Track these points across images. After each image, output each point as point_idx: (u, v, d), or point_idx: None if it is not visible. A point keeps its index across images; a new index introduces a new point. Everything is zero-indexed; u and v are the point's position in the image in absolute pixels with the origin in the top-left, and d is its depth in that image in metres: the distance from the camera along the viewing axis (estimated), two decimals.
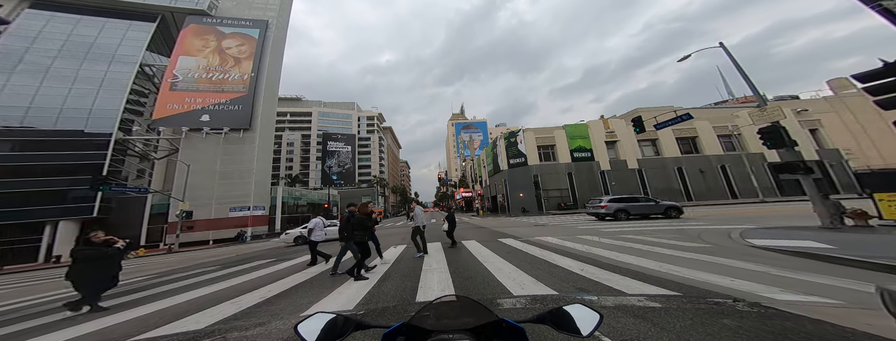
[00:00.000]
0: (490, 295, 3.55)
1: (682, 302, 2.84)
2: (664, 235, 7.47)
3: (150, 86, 32.49)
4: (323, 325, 0.69)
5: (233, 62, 31.09)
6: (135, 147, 29.38)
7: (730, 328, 2.21)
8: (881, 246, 4.71)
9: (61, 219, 22.45)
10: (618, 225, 10.98)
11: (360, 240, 4.92)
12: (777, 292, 3.02)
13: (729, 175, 27.08)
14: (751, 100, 49.60)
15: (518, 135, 29.15)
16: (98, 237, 4.43)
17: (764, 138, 7.82)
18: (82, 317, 4.02)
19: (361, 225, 5.01)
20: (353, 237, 4.96)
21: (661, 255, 5.16)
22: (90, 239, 4.39)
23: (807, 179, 7.37)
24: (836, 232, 6.25)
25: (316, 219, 7.13)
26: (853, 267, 3.91)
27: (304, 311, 3.52)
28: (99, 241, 4.41)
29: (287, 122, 72.70)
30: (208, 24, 32.08)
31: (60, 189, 22.74)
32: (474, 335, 0.62)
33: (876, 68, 4.23)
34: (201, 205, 25.14)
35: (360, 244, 4.91)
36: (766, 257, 4.67)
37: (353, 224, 5.02)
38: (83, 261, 4.21)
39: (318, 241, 6.92)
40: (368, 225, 5.12)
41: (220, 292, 4.94)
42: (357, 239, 4.92)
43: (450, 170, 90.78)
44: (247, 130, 29.13)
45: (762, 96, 8.55)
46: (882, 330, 2.03)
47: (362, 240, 4.94)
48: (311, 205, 40.29)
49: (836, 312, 2.48)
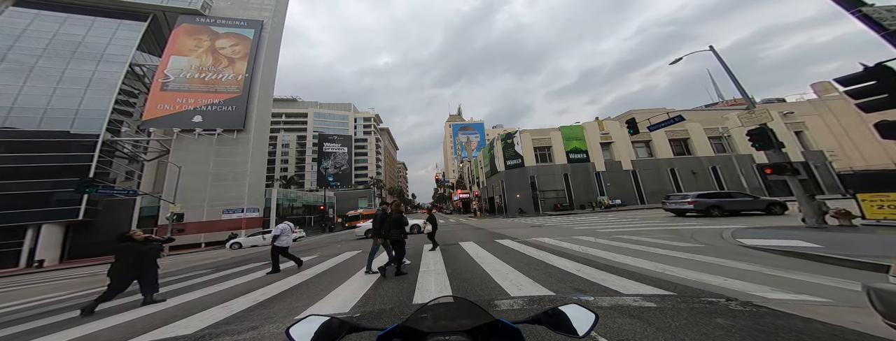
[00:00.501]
0: (487, 297, 3.54)
1: (677, 302, 2.87)
2: (659, 236, 7.57)
3: (141, 87, 31.83)
4: (316, 328, 0.68)
5: (226, 62, 30.69)
6: (123, 148, 28.68)
7: (723, 327, 2.23)
8: (865, 244, 4.85)
9: (44, 222, 21.74)
10: (614, 226, 11.08)
11: (396, 238, 4.91)
12: (768, 291, 3.08)
13: (719, 176, 27.65)
14: (740, 102, 50.90)
15: (515, 137, 29.35)
16: (138, 235, 4.73)
17: (753, 140, 8.01)
18: (70, 322, 3.87)
19: (398, 223, 5.00)
20: (390, 235, 4.95)
21: (656, 255, 5.22)
22: (131, 236, 4.65)
23: (793, 180, 7.57)
24: (822, 231, 6.42)
25: (282, 225, 6.91)
26: (839, 265, 4.01)
27: (298, 315, 3.46)
28: (140, 239, 4.71)
29: (282, 123, 71.96)
30: (202, 24, 31.64)
31: (44, 191, 22.05)
32: (470, 336, 0.61)
33: (857, 72, 4.37)
34: (193, 208, 24.63)
35: (397, 242, 4.93)
36: (756, 256, 4.77)
37: (390, 222, 5.00)
38: (123, 257, 4.54)
39: (283, 247, 6.67)
40: (405, 222, 5.08)
41: (211, 296, 4.82)
42: (393, 237, 4.92)
43: (447, 172, 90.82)
44: (241, 131, 28.72)
45: (751, 99, 8.77)
46: (870, 327, 2.08)
47: (399, 238, 4.94)
48: (307, 207, 39.79)
49: (826, 310, 2.53)
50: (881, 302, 1.59)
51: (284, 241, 6.73)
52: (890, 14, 4.14)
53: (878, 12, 4.19)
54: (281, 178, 58.43)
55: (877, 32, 4.20)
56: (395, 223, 4.96)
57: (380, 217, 5.25)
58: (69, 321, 4.02)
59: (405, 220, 5.16)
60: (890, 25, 4.07)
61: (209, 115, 28.07)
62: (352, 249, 9.66)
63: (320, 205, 39.07)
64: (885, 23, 4.11)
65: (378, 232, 5.18)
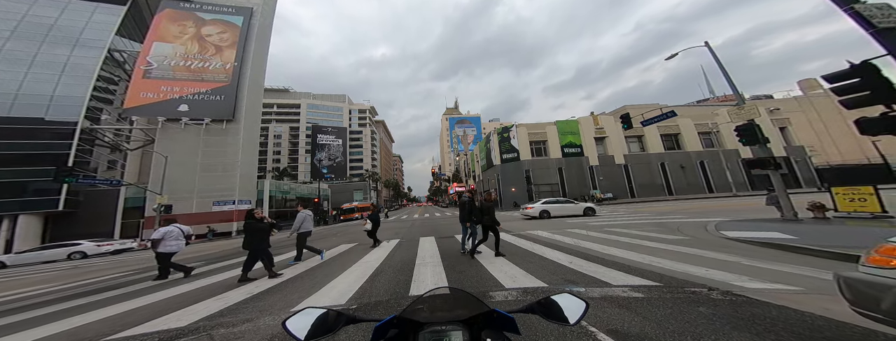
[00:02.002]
0: (483, 289, 3.62)
1: (663, 292, 3.00)
2: (647, 229, 7.81)
3: (121, 74, 30.26)
4: (313, 321, 0.67)
5: (214, 50, 29.32)
6: (104, 137, 27.52)
7: (705, 315, 2.35)
8: (836, 236, 5.12)
9: (21, 212, 20.95)
10: (605, 219, 11.36)
11: (489, 224, 5.39)
12: (747, 281, 3.25)
13: (707, 170, 28.47)
14: (730, 98, 51.88)
15: (511, 131, 29.38)
16: (260, 214, 5.51)
17: (740, 135, 8.23)
18: (55, 315, 3.80)
19: (491, 210, 5.46)
20: (484, 221, 5.43)
21: (644, 248, 5.41)
22: (254, 215, 5.39)
23: (775, 174, 7.86)
24: (798, 223, 6.74)
25: (169, 228, 5.90)
26: (812, 255, 4.24)
27: (294, 307, 3.48)
28: (260, 217, 5.45)
29: (274, 114, 70.03)
30: (186, 10, 29.94)
31: (19, 180, 21.12)
32: (466, 326, 0.62)
33: (843, 69, 4.49)
34: (181, 199, 24.04)
35: (491, 227, 5.40)
36: (737, 248, 4.99)
37: (481, 209, 5.50)
38: (249, 232, 5.26)
39: (166, 253, 5.75)
40: (492, 208, 5.51)
41: (204, 288, 4.79)
42: (487, 223, 5.41)
43: (443, 165, 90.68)
44: (230, 121, 27.82)
45: (741, 95, 8.95)
46: (837, 313, 2.22)
47: (493, 224, 5.38)
48: (301, 199, 39.33)
49: (798, 298, 2.69)
50: (849, 289, 1.70)
51: (169, 247, 5.79)
52: (880, 11, 4.23)
53: (868, 9, 4.28)
54: (273, 170, 57.36)
55: (866, 30, 4.30)
56: (487, 210, 5.40)
57: (468, 204, 5.80)
58: (53, 314, 3.95)
59: (490, 206, 5.69)
60: (879, 23, 4.17)
61: (196, 105, 27.02)
62: (348, 242, 9.67)
63: (314, 197, 38.69)
64: (874, 20, 4.21)
65: (468, 217, 5.75)
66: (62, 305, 4.42)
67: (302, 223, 6.47)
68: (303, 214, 6.60)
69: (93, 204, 23.86)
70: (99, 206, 23.89)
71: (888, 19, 4.19)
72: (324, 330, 0.66)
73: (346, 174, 65.02)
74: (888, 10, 4.25)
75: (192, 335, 2.78)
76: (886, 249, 1.67)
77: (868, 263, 1.70)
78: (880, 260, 1.64)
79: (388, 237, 10.06)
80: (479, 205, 5.55)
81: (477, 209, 5.54)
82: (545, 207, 13.85)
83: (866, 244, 1.88)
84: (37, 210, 21.48)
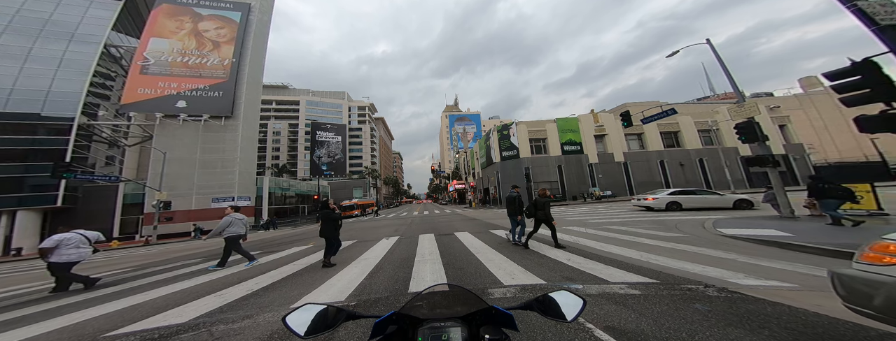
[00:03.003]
0: (481, 285, 3.65)
1: (660, 289, 3.03)
2: (645, 226, 7.85)
3: (118, 69, 29.98)
4: (313, 317, 0.68)
5: (211, 46, 29.00)
6: (102, 133, 27.37)
7: (701, 312, 2.38)
8: (831, 233, 5.16)
9: (19, 208, 20.94)
10: (603, 216, 11.40)
11: (543, 218, 5.76)
12: (742, 278, 3.28)
13: (706, 168, 28.53)
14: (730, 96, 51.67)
15: (511, 128, 29.30)
16: (332, 204, 5.94)
17: (740, 133, 8.22)
18: (55, 311, 3.83)
19: (541, 206, 5.81)
20: (538, 216, 5.82)
21: (641, 245, 5.44)
22: (328, 204, 5.88)
23: (773, 172, 7.88)
24: (794, 221, 6.78)
25: (68, 234, 5.17)
26: (807, 252, 4.28)
27: (293, 304, 3.50)
28: (333, 207, 5.84)
29: (273, 111, 69.67)
30: (183, 5, 29.52)
31: (17, 176, 21.06)
32: (465, 322, 0.63)
33: (845, 66, 4.47)
34: (180, 195, 24.03)
35: (546, 220, 5.74)
36: (734, 245, 5.03)
37: (535, 204, 5.87)
38: (325, 221, 5.66)
39: (62, 263, 4.97)
40: (547, 203, 5.87)
41: (204, 285, 4.81)
42: (540, 217, 5.78)
43: (443, 162, 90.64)
44: (229, 118, 27.68)
45: (741, 93, 8.92)
46: (829, 309, 2.25)
47: (546, 218, 5.73)
48: (300, 196, 39.38)
49: (792, 295, 2.72)
50: (843, 286, 1.72)
51: (68, 256, 5.03)
52: (883, 8, 4.20)
53: (871, 6, 4.25)
54: (273, 166, 57.24)
55: (868, 27, 4.27)
56: (542, 206, 5.78)
57: (517, 199, 6.19)
58: (52, 310, 3.97)
59: (546, 201, 6.05)
60: (882, 20, 4.14)
61: (194, 101, 26.83)
62: (347, 239, 9.71)
63: (314, 194, 38.71)
64: (877, 17, 4.18)
65: (518, 211, 6.14)
66: (61, 301, 4.44)
67: (226, 227, 6.18)
68: (229, 218, 6.25)
69: (92, 200, 23.86)
70: (98, 202, 23.89)
71: (891, 16, 4.17)
72: (324, 326, 0.67)
73: (345, 171, 64.97)
74: (891, 7, 4.22)
75: (192, 331, 2.81)
76: (880, 246, 1.69)
77: (862, 260, 1.72)
78: (874, 257, 1.66)
79: (387, 234, 10.09)
80: (533, 201, 5.94)
81: (531, 204, 5.92)
82: (674, 199, 11.22)
83: (861, 241, 1.90)
84: (35, 206, 21.47)
